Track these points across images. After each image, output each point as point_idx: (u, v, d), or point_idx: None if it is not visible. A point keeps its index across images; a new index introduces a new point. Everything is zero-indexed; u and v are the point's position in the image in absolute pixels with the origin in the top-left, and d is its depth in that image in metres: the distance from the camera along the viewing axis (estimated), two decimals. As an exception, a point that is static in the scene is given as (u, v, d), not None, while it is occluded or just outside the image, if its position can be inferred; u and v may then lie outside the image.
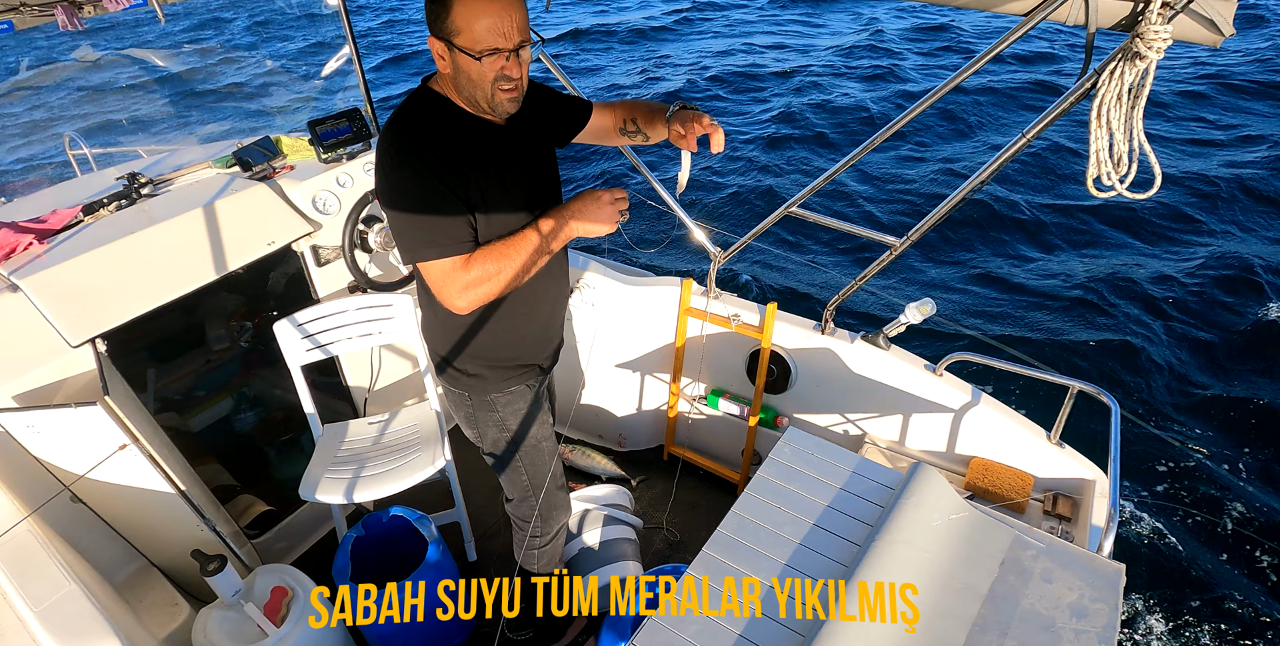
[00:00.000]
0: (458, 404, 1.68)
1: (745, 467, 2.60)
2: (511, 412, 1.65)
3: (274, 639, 1.67)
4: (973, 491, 2.01)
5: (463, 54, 1.26)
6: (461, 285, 1.33)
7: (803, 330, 2.28)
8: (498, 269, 1.33)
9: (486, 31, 1.23)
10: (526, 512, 1.80)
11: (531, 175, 1.51)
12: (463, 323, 1.53)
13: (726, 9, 15.18)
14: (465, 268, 1.33)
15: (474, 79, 1.29)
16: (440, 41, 1.28)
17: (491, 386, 1.61)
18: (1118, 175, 1.27)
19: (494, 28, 1.23)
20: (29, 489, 1.71)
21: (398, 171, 1.32)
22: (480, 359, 1.59)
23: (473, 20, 1.22)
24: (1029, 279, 5.64)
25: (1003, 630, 1.22)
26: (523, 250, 1.35)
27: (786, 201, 2.02)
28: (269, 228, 2.23)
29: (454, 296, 1.35)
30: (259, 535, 2.38)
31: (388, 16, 17.06)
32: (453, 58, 1.28)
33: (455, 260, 1.33)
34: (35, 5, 1.98)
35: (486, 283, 1.34)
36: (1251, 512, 3.71)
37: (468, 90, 1.33)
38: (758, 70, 10.83)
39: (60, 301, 1.84)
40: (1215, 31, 1.16)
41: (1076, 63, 10.78)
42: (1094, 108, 1.25)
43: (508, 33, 1.25)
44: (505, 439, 1.67)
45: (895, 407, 2.20)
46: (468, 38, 1.24)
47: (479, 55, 1.25)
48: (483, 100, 1.33)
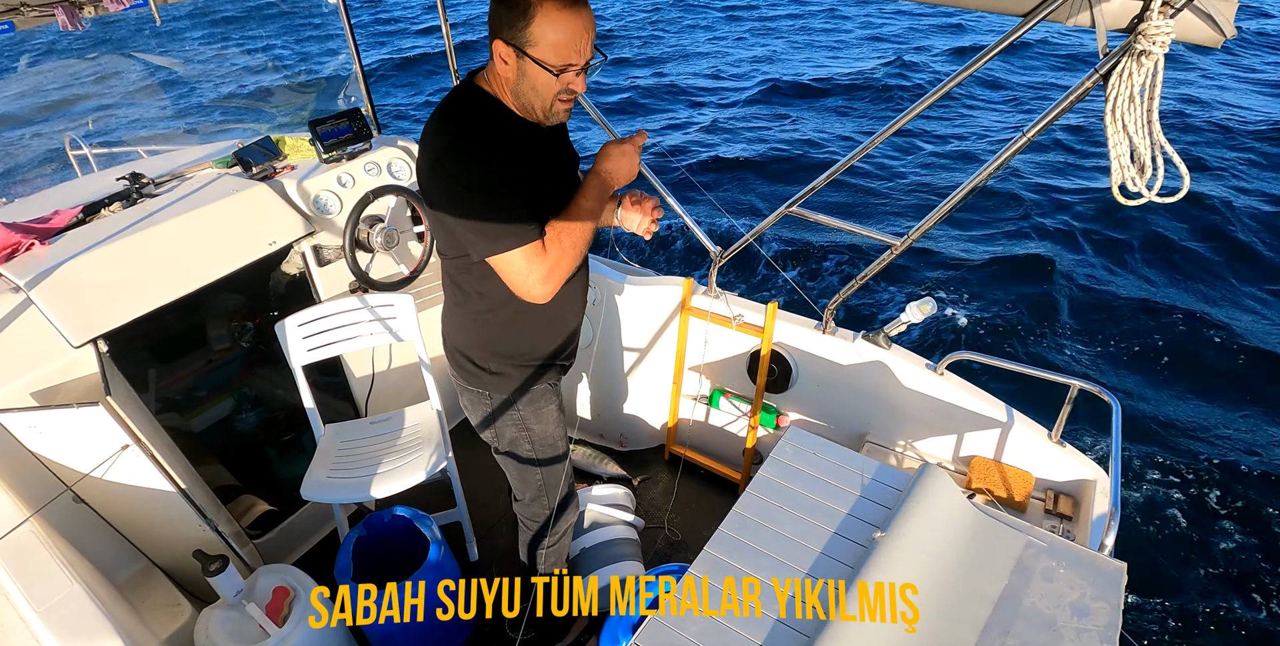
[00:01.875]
0: (476, 402, 1.65)
1: (747, 467, 2.60)
2: (532, 412, 1.64)
3: (276, 639, 1.68)
4: (974, 491, 2.01)
5: (535, 65, 1.25)
6: (544, 272, 1.33)
7: (804, 329, 2.28)
8: (570, 245, 1.34)
9: (567, 48, 1.24)
10: (538, 512, 1.79)
11: (568, 180, 1.52)
12: (495, 321, 1.52)
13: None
14: (544, 253, 1.33)
15: (538, 89, 1.30)
16: (509, 47, 1.26)
17: (514, 385, 1.60)
18: (1143, 181, 1.25)
19: (574, 45, 1.24)
20: (31, 489, 1.71)
21: (463, 166, 1.30)
22: (506, 357, 1.57)
23: (555, 35, 1.22)
24: (1030, 278, 5.64)
25: (1005, 629, 1.22)
26: (584, 217, 1.36)
27: (787, 201, 2.02)
28: (270, 228, 2.22)
29: (537, 284, 1.33)
30: (261, 535, 2.38)
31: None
32: (520, 65, 1.27)
33: (534, 247, 1.32)
34: (35, 5, 1.98)
35: (563, 263, 1.34)
36: (1253, 512, 3.71)
37: (527, 98, 1.32)
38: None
39: (62, 302, 1.84)
40: (1216, 31, 1.15)
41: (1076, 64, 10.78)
42: (1108, 112, 1.24)
43: (584, 50, 1.26)
44: (524, 438, 1.66)
45: (896, 407, 2.20)
46: (546, 51, 1.24)
47: (557, 71, 1.26)
48: (540, 110, 1.34)
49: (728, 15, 15.43)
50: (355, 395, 2.62)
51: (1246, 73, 9.93)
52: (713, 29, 14.45)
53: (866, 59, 11.63)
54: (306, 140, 2.54)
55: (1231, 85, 9.51)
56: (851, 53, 12.23)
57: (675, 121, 9.34)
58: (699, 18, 15.41)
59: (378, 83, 11.80)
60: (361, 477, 2.10)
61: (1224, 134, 7.92)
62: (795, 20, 14.81)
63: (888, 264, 1.92)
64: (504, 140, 1.33)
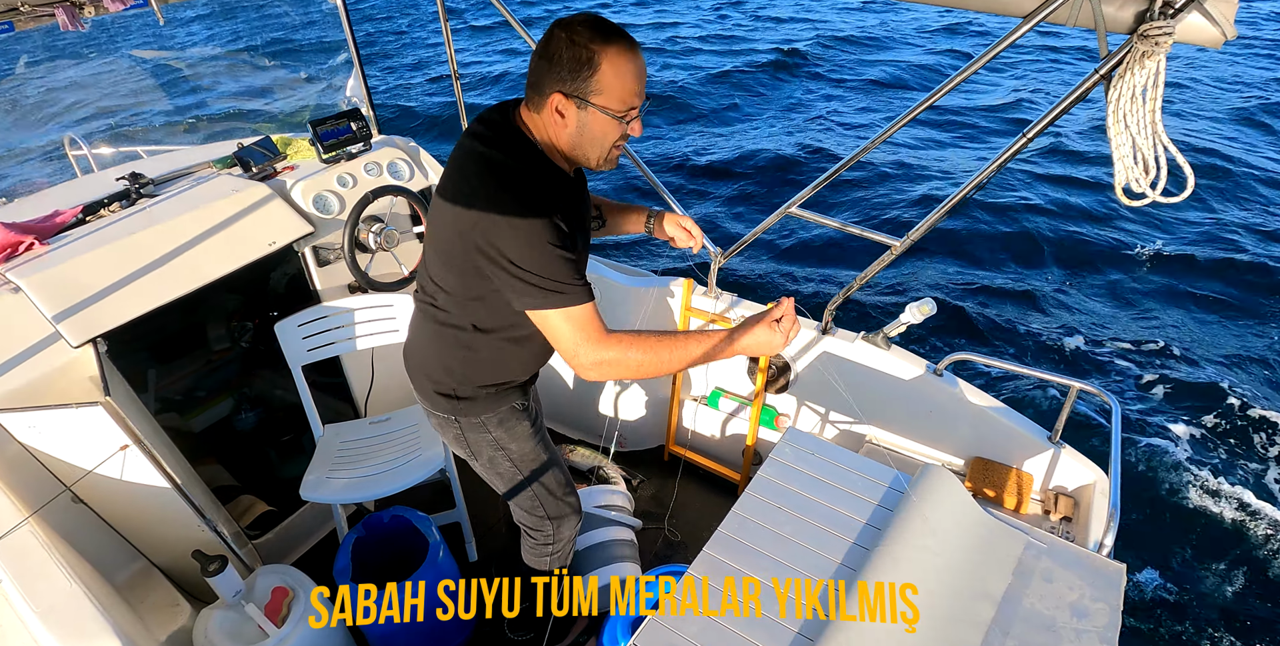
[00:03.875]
0: (444, 426, 1.63)
1: (746, 468, 2.60)
2: (504, 431, 1.61)
3: (275, 639, 1.67)
4: (973, 491, 2.01)
5: (600, 113, 1.24)
6: (596, 360, 1.29)
7: (803, 330, 2.28)
8: (639, 362, 1.30)
9: (630, 93, 1.23)
10: (537, 522, 1.78)
11: (587, 229, 1.51)
12: (460, 349, 1.49)
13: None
14: (603, 340, 1.29)
15: (598, 137, 1.28)
16: (570, 99, 1.24)
17: (481, 409, 1.57)
18: (1147, 181, 1.24)
19: (635, 88, 1.24)
20: (30, 489, 1.71)
21: (523, 215, 1.24)
22: (478, 385, 1.54)
23: (620, 80, 1.21)
24: (1030, 278, 5.64)
25: (1004, 629, 1.22)
26: (676, 356, 1.31)
27: (787, 201, 2.02)
28: (269, 228, 2.22)
29: (585, 368, 1.30)
30: (260, 535, 2.38)
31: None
32: (581, 115, 1.25)
33: (586, 312, 1.28)
34: (35, 5, 1.97)
35: (623, 370, 1.30)
36: (1253, 511, 3.71)
37: (583, 148, 1.31)
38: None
39: (61, 302, 1.84)
40: (1217, 32, 1.15)
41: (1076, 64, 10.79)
42: (1110, 112, 1.23)
43: (642, 92, 1.26)
44: (501, 456, 1.64)
45: (895, 407, 2.20)
46: (612, 98, 1.23)
47: (624, 117, 1.25)
48: (595, 158, 1.32)
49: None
50: (355, 395, 2.62)
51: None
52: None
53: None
54: (307, 140, 2.54)
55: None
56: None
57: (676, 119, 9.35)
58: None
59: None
60: (361, 478, 2.10)
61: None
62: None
63: (887, 264, 1.93)
64: (552, 192, 1.30)
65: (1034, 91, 9.69)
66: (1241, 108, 8.83)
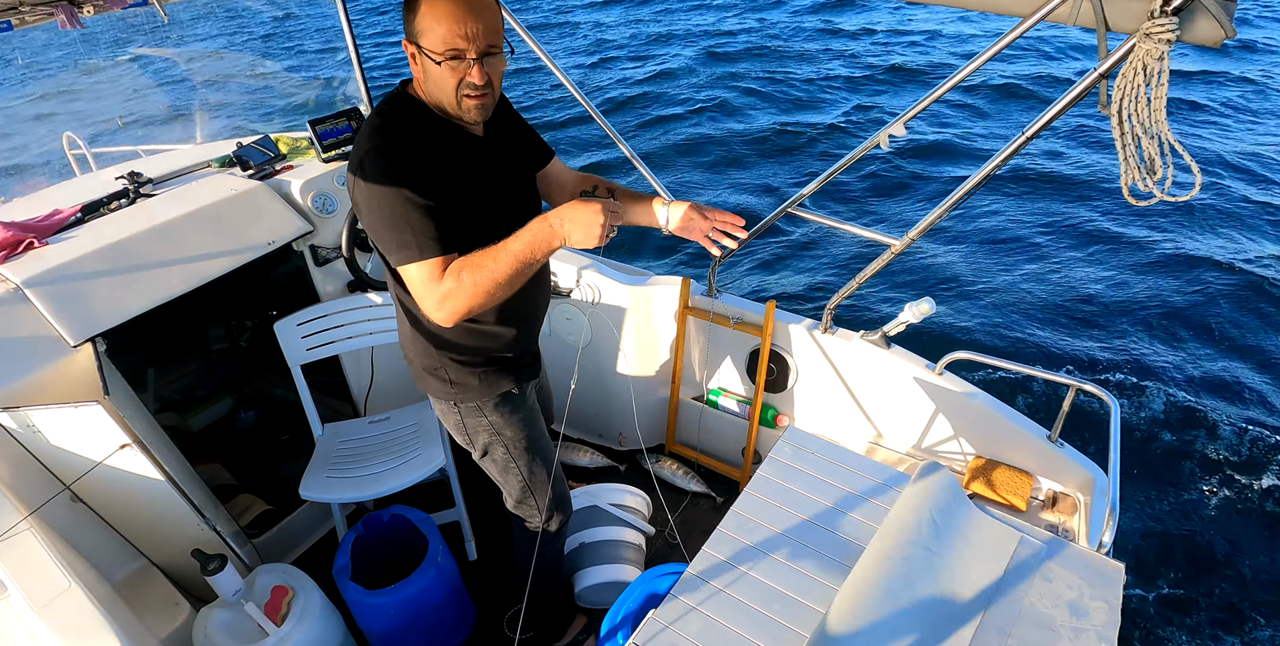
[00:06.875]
0: (445, 413, 1.65)
1: (746, 466, 2.60)
2: (501, 417, 1.63)
3: (274, 638, 1.68)
4: (972, 490, 2.01)
5: (426, 57, 1.25)
6: (436, 298, 1.28)
7: (803, 329, 2.28)
8: (473, 283, 1.26)
9: (449, 34, 1.22)
10: (528, 513, 1.80)
11: (512, 191, 1.49)
12: (439, 331, 1.50)
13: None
14: (441, 278, 1.27)
15: (438, 82, 1.28)
16: (411, 44, 1.27)
17: (476, 393, 1.58)
18: (1153, 180, 1.24)
19: (456, 30, 1.21)
20: (29, 488, 1.71)
21: (379, 173, 1.27)
22: (459, 365, 1.56)
23: (437, 22, 1.21)
24: (1030, 278, 5.64)
25: (1003, 629, 1.22)
26: (503, 260, 1.26)
27: (786, 201, 2.02)
28: (269, 227, 2.22)
29: (432, 309, 1.30)
30: (259, 534, 2.38)
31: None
32: (423, 61, 1.27)
33: (432, 264, 1.27)
34: (35, 4, 1.97)
35: (459, 297, 1.27)
36: (1253, 510, 3.71)
37: (435, 95, 1.31)
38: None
39: (60, 301, 1.83)
40: (1216, 31, 1.15)
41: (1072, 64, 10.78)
42: (1113, 112, 1.23)
43: (471, 36, 1.22)
44: (497, 442, 1.66)
45: (895, 406, 2.20)
46: (431, 39, 1.23)
47: (440, 59, 1.24)
48: (449, 106, 1.31)
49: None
50: (354, 394, 2.62)
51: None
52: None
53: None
54: (305, 139, 2.54)
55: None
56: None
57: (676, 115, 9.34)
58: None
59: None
60: (360, 477, 2.10)
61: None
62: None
63: (887, 264, 1.93)
64: (425, 149, 1.31)
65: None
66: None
